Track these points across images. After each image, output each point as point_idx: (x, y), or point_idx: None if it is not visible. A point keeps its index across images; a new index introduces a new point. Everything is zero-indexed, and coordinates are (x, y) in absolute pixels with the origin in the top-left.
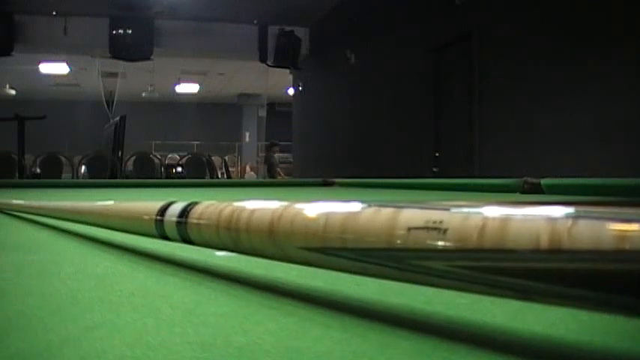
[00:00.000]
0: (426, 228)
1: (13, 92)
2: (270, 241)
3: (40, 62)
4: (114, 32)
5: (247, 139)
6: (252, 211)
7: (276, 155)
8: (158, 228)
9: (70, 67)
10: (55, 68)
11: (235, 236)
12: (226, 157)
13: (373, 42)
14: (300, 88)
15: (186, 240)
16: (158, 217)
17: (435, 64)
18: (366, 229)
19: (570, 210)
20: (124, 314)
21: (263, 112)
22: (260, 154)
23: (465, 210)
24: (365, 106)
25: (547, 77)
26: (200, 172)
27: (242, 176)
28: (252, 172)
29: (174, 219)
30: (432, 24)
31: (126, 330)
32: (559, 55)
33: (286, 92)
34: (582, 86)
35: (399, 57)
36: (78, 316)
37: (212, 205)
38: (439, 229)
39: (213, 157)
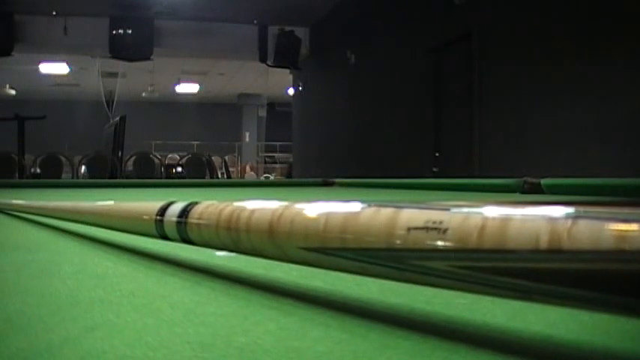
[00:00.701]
0: (426, 228)
1: (13, 92)
2: (270, 241)
3: (40, 62)
4: (114, 32)
5: (247, 139)
6: (252, 211)
7: None
8: (158, 228)
9: (70, 67)
10: (55, 68)
11: (235, 236)
12: (226, 157)
13: (373, 42)
14: (300, 88)
15: (186, 240)
16: (158, 217)
17: (435, 64)
18: (366, 229)
19: (570, 210)
20: (124, 314)
21: (263, 112)
22: (260, 154)
23: (465, 210)
24: (365, 106)
25: (547, 77)
26: (200, 172)
27: (242, 176)
28: (252, 172)
29: (174, 219)
30: (432, 24)
31: (126, 330)
32: (559, 55)
33: (286, 92)
34: (582, 86)
35: (399, 57)
36: (78, 316)
37: (212, 205)
38: (439, 230)
39: (213, 157)
